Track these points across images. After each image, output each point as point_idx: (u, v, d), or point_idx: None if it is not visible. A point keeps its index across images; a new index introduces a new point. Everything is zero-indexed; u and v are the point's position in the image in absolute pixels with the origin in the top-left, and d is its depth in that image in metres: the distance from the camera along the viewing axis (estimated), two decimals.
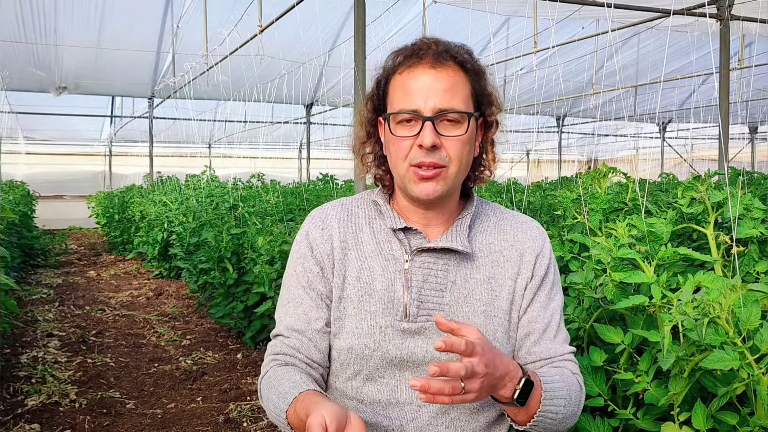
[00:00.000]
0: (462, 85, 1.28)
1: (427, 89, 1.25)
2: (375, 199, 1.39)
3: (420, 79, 1.26)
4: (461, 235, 1.33)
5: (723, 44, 5.98)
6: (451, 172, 1.27)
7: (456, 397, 1.06)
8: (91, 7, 9.52)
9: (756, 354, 1.29)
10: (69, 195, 15.43)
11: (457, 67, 1.28)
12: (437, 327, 1.09)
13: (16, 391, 3.77)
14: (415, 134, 1.25)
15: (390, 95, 1.31)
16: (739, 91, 10.46)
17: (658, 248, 1.82)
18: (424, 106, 1.24)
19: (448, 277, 1.32)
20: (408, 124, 1.26)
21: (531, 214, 4.16)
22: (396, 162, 1.29)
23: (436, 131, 1.24)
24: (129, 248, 9.51)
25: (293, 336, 1.34)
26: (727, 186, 2.00)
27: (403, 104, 1.26)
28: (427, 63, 1.26)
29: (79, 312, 5.89)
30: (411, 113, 1.25)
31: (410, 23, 9.75)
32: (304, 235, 1.39)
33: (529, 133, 17.37)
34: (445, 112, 1.24)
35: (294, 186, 8.16)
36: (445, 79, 1.26)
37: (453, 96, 1.25)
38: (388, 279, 1.31)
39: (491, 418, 1.32)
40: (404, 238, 1.34)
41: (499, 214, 1.43)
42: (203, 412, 3.53)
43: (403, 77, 1.28)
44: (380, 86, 1.33)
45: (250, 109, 12.92)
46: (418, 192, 1.27)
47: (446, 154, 1.26)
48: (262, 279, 4.16)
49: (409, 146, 1.26)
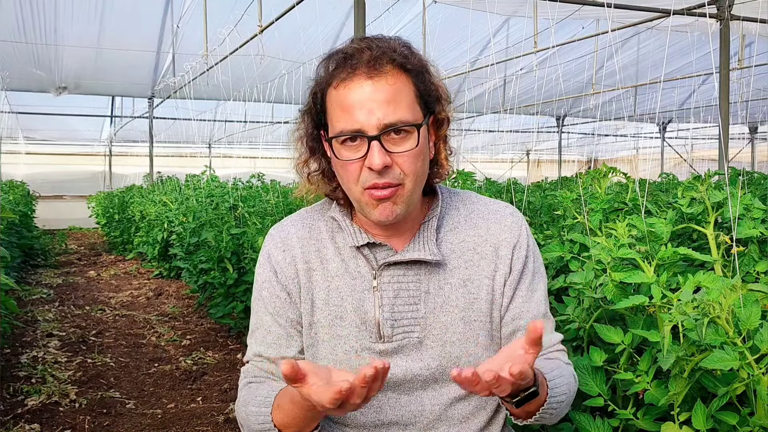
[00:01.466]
0: (405, 90, 1.15)
1: (367, 103, 1.12)
2: (332, 215, 1.28)
3: (357, 92, 1.13)
4: (429, 242, 1.24)
5: (723, 44, 5.98)
6: (408, 188, 1.16)
7: None
8: (91, 7, 9.53)
9: (756, 354, 1.29)
10: (69, 195, 15.44)
11: (397, 69, 1.15)
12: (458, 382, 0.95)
13: (16, 391, 3.77)
14: (361, 156, 1.14)
15: (329, 113, 1.18)
16: (739, 91, 10.46)
17: (658, 248, 1.82)
18: (368, 124, 1.12)
19: (421, 287, 1.23)
20: (353, 143, 1.14)
21: (531, 214, 4.16)
22: (348, 186, 1.19)
23: (385, 149, 1.13)
24: (129, 248, 9.51)
25: (264, 362, 1.27)
26: (727, 186, 2.00)
27: (343, 124, 1.14)
28: (362, 73, 1.13)
29: (79, 312, 5.89)
30: (354, 133, 1.13)
31: (410, 23, 9.76)
32: (266, 257, 1.29)
33: (529, 133, 17.39)
34: (392, 126, 1.12)
35: (294, 186, 8.15)
36: (385, 88, 1.12)
37: (397, 106, 1.13)
38: (357, 299, 1.23)
39: (482, 423, 1.27)
40: (369, 254, 1.24)
41: (469, 205, 1.32)
42: (203, 412, 3.53)
43: (339, 92, 1.15)
44: (317, 100, 1.21)
45: (250, 109, 12.92)
46: (376, 216, 1.18)
47: (399, 171, 1.14)
48: None
49: (359, 168, 1.15)
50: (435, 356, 1.23)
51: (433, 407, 1.24)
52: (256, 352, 1.28)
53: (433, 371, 1.23)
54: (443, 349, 1.23)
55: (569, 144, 19.11)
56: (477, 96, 12.87)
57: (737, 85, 10.33)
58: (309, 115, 1.24)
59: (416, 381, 1.23)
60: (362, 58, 1.14)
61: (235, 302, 4.74)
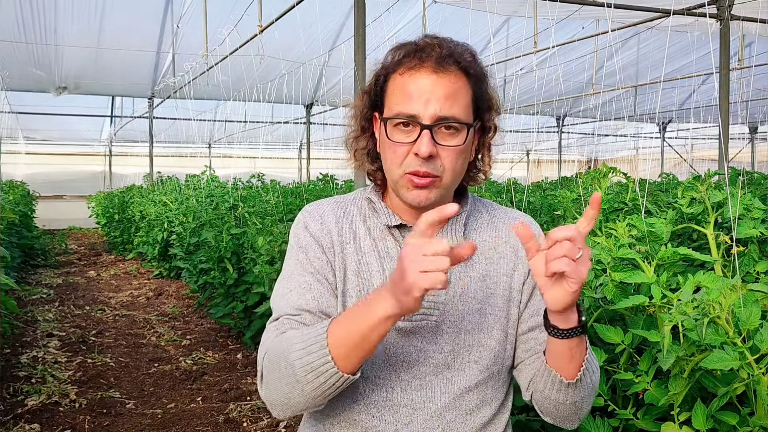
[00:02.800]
0: (464, 92, 1.23)
1: (427, 94, 1.20)
2: (369, 197, 1.36)
3: (420, 83, 1.21)
4: (456, 234, 1.32)
5: (723, 44, 5.98)
6: (445, 181, 1.24)
7: (572, 264, 1.03)
8: (91, 7, 9.53)
9: (756, 354, 1.29)
10: (69, 195, 15.44)
11: (460, 72, 1.23)
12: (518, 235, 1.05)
13: (16, 391, 3.77)
14: (411, 141, 1.21)
15: (388, 95, 1.26)
16: (739, 91, 10.46)
17: (658, 248, 1.82)
18: (424, 113, 1.20)
19: None
20: (405, 128, 1.22)
21: (531, 214, 4.16)
22: (390, 167, 1.26)
23: (434, 140, 1.20)
24: (129, 248, 9.51)
25: (303, 314, 1.24)
26: (727, 186, 2.00)
27: (401, 107, 1.22)
28: (429, 66, 1.21)
29: (79, 312, 5.89)
30: (409, 119, 1.21)
31: (410, 23, 9.76)
32: (303, 227, 1.34)
33: (529, 133, 17.39)
34: (445, 120, 1.20)
35: (294, 186, 8.15)
36: (446, 85, 1.21)
37: (454, 103, 1.21)
38: (385, 277, 1.29)
39: (487, 417, 1.31)
40: (399, 236, 1.32)
41: (491, 211, 1.41)
42: (203, 412, 3.53)
43: (404, 79, 1.23)
44: (378, 82, 1.28)
45: (250, 109, 12.93)
46: (410, 199, 1.25)
47: (441, 164, 1.22)
48: (262, 279, 4.16)
49: (405, 153, 1.22)
50: (449, 341, 1.28)
51: (442, 395, 1.27)
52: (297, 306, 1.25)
53: (445, 355, 1.27)
54: (458, 336, 1.28)
55: (569, 144, 19.11)
56: None
57: (737, 85, 10.33)
58: (368, 95, 1.31)
59: (429, 364, 1.27)
60: (432, 53, 1.22)
61: (235, 302, 4.74)
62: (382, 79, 1.28)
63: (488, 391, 1.31)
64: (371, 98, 1.30)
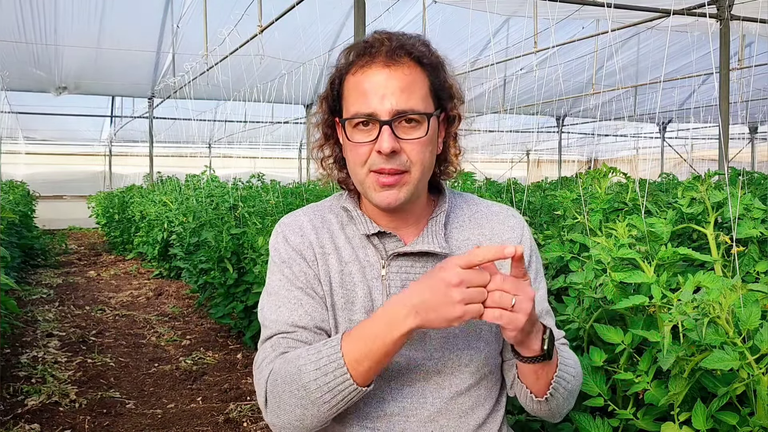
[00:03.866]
0: (420, 82, 1.20)
1: (382, 89, 1.17)
2: (344, 205, 1.32)
3: (374, 78, 1.18)
4: (437, 236, 1.27)
5: (723, 44, 5.98)
6: (414, 176, 1.20)
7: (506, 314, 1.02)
8: (91, 7, 9.53)
9: (756, 354, 1.29)
10: (69, 195, 15.44)
11: (413, 62, 1.20)
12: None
13: (16, 391, 3.77)
14: (372, 139, 1.18)
15: (345, 97, 1.23)
16: (739, 91, 10.47)
17: (658, 248, 1.82)
18: (381, 109, 1.17)
19: None
20: (365, 127, 1.19)
21: (531, 214, 4.16)
22: (354, 168, 1.22)
23: (395, 135, 1.17)
24: (129, 248, 9.51)
25: (299, 331, 1.22)
26: (727, 186, 2.00)
27: (358, 107, 1.19)
28: (380, 61, 1.18)
29: (79, 312, 5.89)
30: (367, 117, 1.18)
31: (410, 23, 9.76)
32: (282, 240, 1.30)
33: (529, 133, 17.39)
34: (403, 113, 1.17)
35: (294, 186, 8.15)
36: (400, 77, 1.18)
37: (410, 95, 1.18)
38: (367, 287, 1.26)
39: (481, 419, 1.29)
40: (379, 243, 1.28)
41: (473, 206, 1.36)
42: (203, 412, 3.53)
43: (357, 78, 1.20)
44: (334, 86, 1.25)
45: (250, 109, 12.93)
46: (379, 200, 1.21)
47: (407, 158, 1.18)
48: (262, 279, 4.16)
49: (368, 152, 1.19)
50: (437, 347, 1.26)
51: (434, 400, 1.26)
52: (289, 322, 1.23)
53: (435, 362, 1.25)
54: (446, 340, 1.26)
55: (569, 144, 19.11)
56: (477, 96, 12.86)
57: (737, 85, 10.34)
58: (326, 101, 1.28)
59: (419, 371, 1.26)
60: (382, 48, 1.19)
61: (235, 302, 4.74)
62: (337, 82, 1.25)
63: (481, 391, 1.29)
64: (329, 104, 1.27)
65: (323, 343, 1.13)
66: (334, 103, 1.26)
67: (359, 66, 1.20)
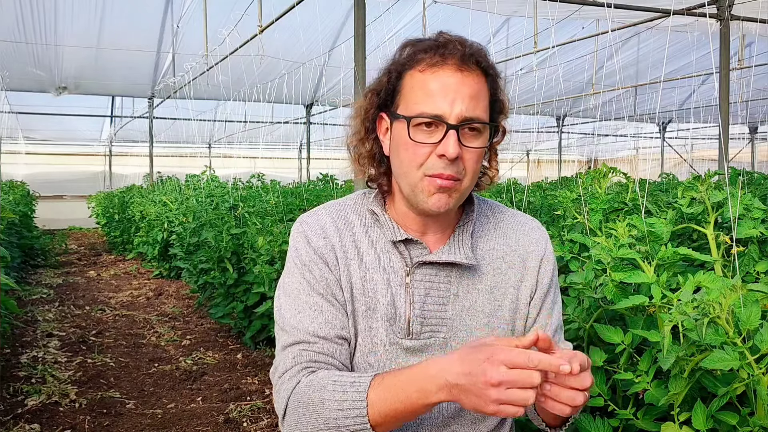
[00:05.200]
0: (484, 93, 1.18)
1: (453, 94, 1.14)
2: (371, 208, 1.28)
3: (445, 81, 1.15)
4: (464, 246, 1.25)
5: (723, 44, 5.98)
6: (465, 185, 1.19)
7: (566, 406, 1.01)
8: (91, 7, 9.53)
9: (756, 354, 1.29)
10: (69, 195, 15.43)
11: (481, 72, 1.18)
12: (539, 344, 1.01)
13: (16, 391, 3.77)
14: (434, 142, 1.15)
15: (406, 94, 1.18)
16: (739, 91, 10.46)
17: (658, 248, 1.82)
18: (450, 113, 1.14)
19: (451, 289, 1.25)
20: (427, 129, 1.16)
21: (531, 214, 4.16)
22: (408, 170, 1.18)
23: (459, 141, 1.15)
24: (129, 248, 9.51)
25: (320, 342, 1.19)
26: (727, 186, 2.00)
27: (424, 107, 1.15)
28: (453, 64, 1.15)
29: (79, 312, 5.89)
30: (434, 118, 1.14)
31: (410, 23, 9.75)
32: (304, 241, 1.26)
33: (529, 133, 17.38)
34: (470, 121, 1.15)
35: (294, 186, 8.16)
36: (471, 84, 1.16)
37: (477, 104, 1.16)
38: (391, 293, 1.23)
39: (492, 426, 1.29)
40: (404, 250, 1.25)
41: (498, 215, 1.35)
42: (203, 412, 3.53)
43: (425, 76, 1.16)
44: (390, 80, 1.20)
45: (250, 109, 12.92)
46: (430, 204, 1.18)
47: (463, 167, 1.17)
48: (262, 279, 4.16)
49: (427, 154, 1.16)
50: None
51: (448, 405, 1.24)
52: (311, 331, 1.19)
53: None
54: None
55: (569, 144, 19.10)
56: None
57: (737, 85, 10.33)
58: (376, 94, 1.23)
59: None
60: (455, 51, 1.16)
61: (235, 302, 4.74)
62: (395, 76, 1.20)
63: None
64: (379, 97, 1.23)
65: (351, 383, 1.09)
66: (387, 96, 1.22)
67: (429, 64, 1.16)
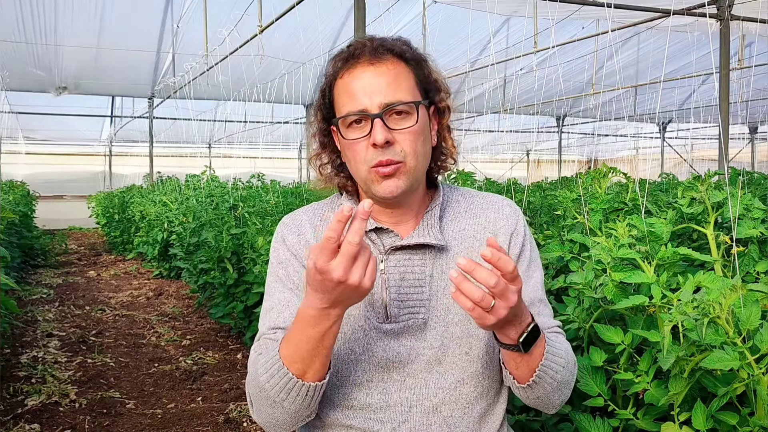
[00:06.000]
0: (404, 76, 1.25)
1: (369, 87, 1.23)
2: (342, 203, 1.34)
3: (360, 78, 1.24)
4: (433, 228, 1.31)
5: (723, 44, 5.98)
6: (410, 166, 1.24)
7: (479, 310, 1.03)
8: (91, 7, 9.53)
9: (756, 354, 1.29)
10: (69, 195, 15.44)
11: (396, 58, 1.26)
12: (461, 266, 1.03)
13: (16, 391, 3.77)
14: (366, 134, 1.23)
15: (336, 101, 1.28)
16: (739, 91, 10.47)
17: (658, 248, 1.82)
18: (370, 104, 1.22)
19: (425, 271, 1.30)
20: (358, 125, 1.24)
21: (531, 214, 4.16)
22: (356, 167, 1.27)
23: (387, 127, 1.22)
24: (129, 248, 9.51)
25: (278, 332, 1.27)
26: (727, 186, 2.00)
27: (349, 107, 1.24)
28: (364, 61, 1.24)
29: (79, 312, 5.89)
30: (358, 114, 1.23)
31: (410, 23, 9.76)
32: (281, 241, 1.36)
33: (529, 133, 17.39)
34: (391, 105, 1.22)
35: (294, 186, 8.16)
36: (385, 73, 1.24)
37: (397, 88, 1.23)
38: None
39: (483, 408, 1.31)
40: (377, 239, 1.32)
41: (469, 199, 1.41)
42: (203, 412, 3.53)
43: (345, 80, 1.26)
44: (325, 95, 1.31)
45: (250, 109, 12.92)
46: (382, 192, 1.25)
47: (401, 149, 1.23)
48: (262, 279, 4.16)
49: (365, 148, 1.24)
50: (438, 336, 1.29)
51: (437, 390, 1.28)
52: (273, 325, 1.29)
53: (435, 351, 1.28)
54: (446, 329, 1.29)
55: (569, 144, 19.11)
56: (477, 96, 12.87)
57: (737, 85, 10.34)
58: (320, 111, 1.34)
59: (420, 361, 1.28)
60: (364, 49, 1.26)
61: (235, 302, 4.74)
62: (327, 90, 1.30)
63: (484, 381, 1.31)
64: (323, 113, 1.33)
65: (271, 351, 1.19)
66: (328, 111, 1.32)
67: (345, 70, 1.26)
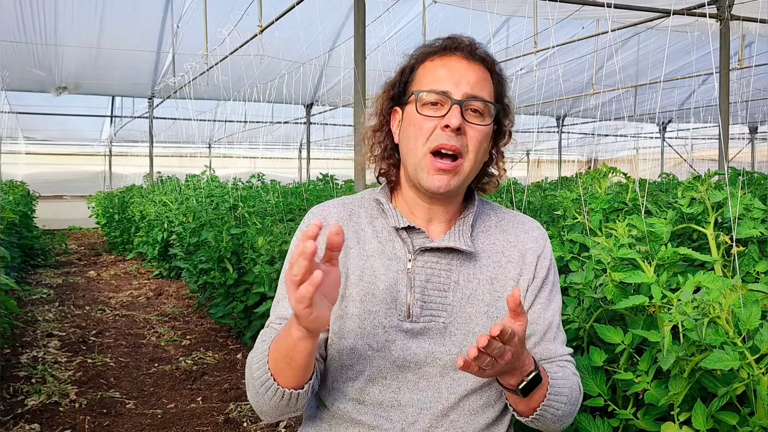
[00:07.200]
0: (490, 83, 1.29)
1: (459, 75, 1.26)
2: (377, 198, 1.37)
3: (453, 65, 1.27)
4: (464, 235, 1.32)
5: (723, 44, 5.98)
6: (466, 166, 1.26)
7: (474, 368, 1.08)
8: (91, 7, 9.52)
9: (756, 354, 1.29)
10: (69, 195, 15.44)
11: (486, 68, 1.30)
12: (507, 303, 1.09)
13: (16, 391, 3.77)
14: (441, 115, 1.25)
15: (417, 80, 1.30)
16: (739, 91, 10.46)
17: (658, 248, 1.82)
18: (455, 90, 1.25)
19: (451, 277, 1.30)
20: (434, 106, 1.26)
21: (531, 214, 4.16)
22: (414, 146, 1.27)
23: (463, 117, 1.24)
24: (129, 248, 9.51)
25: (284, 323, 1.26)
26: (727, 186, 2.00)
27: (433, 85, 1.26)
28: (460, 54, 1.28)
29: (79, 312, 5.89)
30: (441, 94, 1.25)
31: (410, 23, 9.75)
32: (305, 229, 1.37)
33: (529, 133, 17.38)
34: (475, 98, 1.25)
35: (294, 186, 8.15)
36: (477, 71, 1.27)
37: (482, 88, 1.27)
38: (391, 279, 1.29)
39: (491, 418, 1.31)
40: (407, 237, 1.32)
41: (500, 214, 1.41)
42: (203, 412, 3.53)
43: (435, 63, 1.28)
44: (404, 74, 1.32)
45: (250, 109, 12.92)
46: (429, 183, 1.26)
47: (466, 143, 1.25)
48: (262, 279, 4.16)
49: (432, 128, 1.25)
50: (457, 343, 1.29)
51: (449, 395, 1.28)
52: (281, 315, 1.30)
53: (452, 357, 1.28)
54: (465, 338, 1.29)
55: (569, 144, 19.10)
56: None
57: (737, 85, 10.33)
58: (391, 89, 1.34)
59: (436, 365, 1.28)
60: (462, 45, 1.29)
61: (235, 302, 4.74)
62: (409, 70, 1.32)
63: (492, 392, 1.31)
64: (393, 92, 1.34)
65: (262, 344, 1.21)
66: (399, 91, 1.33)
67: (438, 55, 1.29)
